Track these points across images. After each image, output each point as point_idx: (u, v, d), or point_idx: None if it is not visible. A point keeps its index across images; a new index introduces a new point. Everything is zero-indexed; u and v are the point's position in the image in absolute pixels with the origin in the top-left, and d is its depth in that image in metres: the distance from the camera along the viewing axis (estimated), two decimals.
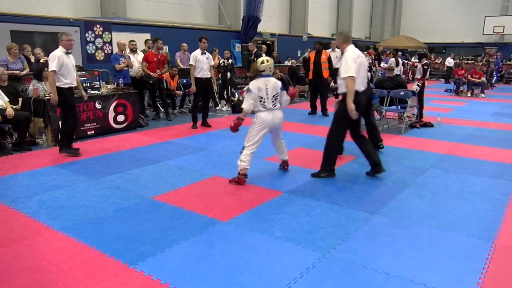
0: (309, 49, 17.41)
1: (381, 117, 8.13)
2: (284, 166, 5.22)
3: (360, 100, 4.66)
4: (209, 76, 7.86)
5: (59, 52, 5.67)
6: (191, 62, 7.66)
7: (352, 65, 4.51)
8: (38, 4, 10.64)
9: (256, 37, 15.76)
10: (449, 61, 19.86)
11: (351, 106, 4.50)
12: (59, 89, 5.69)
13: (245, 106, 4.57)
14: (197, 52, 7.65)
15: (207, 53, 7.86)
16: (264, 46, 13.64)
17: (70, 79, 5.81)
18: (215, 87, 8.88)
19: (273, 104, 4.65)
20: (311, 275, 2.80)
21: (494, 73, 18.26)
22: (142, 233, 3.42)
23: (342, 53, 4.81)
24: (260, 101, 4.56)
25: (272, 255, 3.08)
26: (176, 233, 3.41)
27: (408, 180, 4.84)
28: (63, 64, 5.65)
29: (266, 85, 4.58)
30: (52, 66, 5.58)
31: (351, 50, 4.66)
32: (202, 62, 7.66)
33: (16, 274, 2.79)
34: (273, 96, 4.63)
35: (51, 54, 5.69)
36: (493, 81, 17.90)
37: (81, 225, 3.58)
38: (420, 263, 2.97)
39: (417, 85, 8.37)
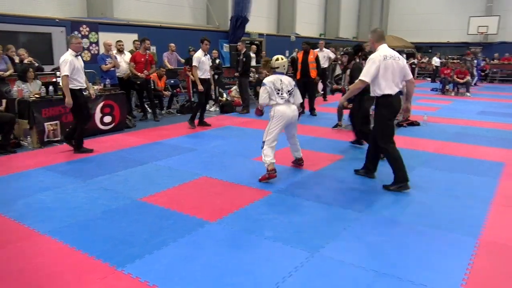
0: (297, 49, 17.43)
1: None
2: (299, 163, 5.31)
3: (393, 102, 4.36)
4: (209, 76, 8.03)
5: (69, 56, 5.77)
6: (194, 63, 7.71)
7: (369, 70, 4.26)
8: (23, 4, 10.48)
9: (244, 37, 15.76)
10: (436, 61, 20.11)
11: (341, 100, 4.52)
12: (71, 91, 5.78)
13: (260, 99, 4.74)
14: (200, 53, 7.74)
15: (208, 54, 8.02)
16: (253, 46, 13.65)
17: (80, 81, 5.95)
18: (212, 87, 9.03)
19: (289, 98, 4.78)
20: (300, 274, 2.81)
21: (475, 72, 18.01)
22: (131, 235, 3.40)
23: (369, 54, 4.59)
24: (278, 93, 4.69)
25: (261, 254, 3.09)
26: (165, 234, 3.40)
27: None
28: (74, 68, 5.77)
29: (280, 80, 4.73)
30: (65, 70, 5.70)
31: (380, 51, 4.35)
32: (205, 63, 7.80)
33: (1, 279, 2.74)
34: (288, 91, 4.75)
35: (62, 59, 5.80)
36: (474, 81, 17.58)
37: (69, 227, 3.53)
38: (408, 260, 3.01)
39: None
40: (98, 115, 7.36)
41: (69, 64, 5.69)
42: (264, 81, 4.76)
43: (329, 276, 2.80)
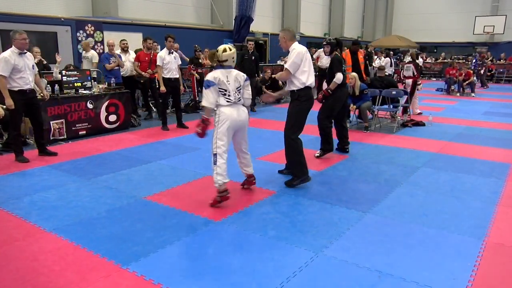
0: None
1: (373, 116, 8.17)
2: (250, 180, 4.50)
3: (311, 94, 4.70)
4: (177, 76, 7.67)
5: (8, 53, 5.32)
6: (158, 63, 7.44)
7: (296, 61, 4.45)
8: (29, 3, 10.53)
9: (248, 37, 15.76)
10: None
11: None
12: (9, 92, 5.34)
13: (206, 102, 3.88)
14: (163, 52, 7.46)
15: (174, 52, 7.67)
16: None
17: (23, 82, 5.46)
18: (182, 88, 8.17)
19: (238, 98, 3.99)
20: (304, 274, 2.81)
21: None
22: (135, 233, 3.41)
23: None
24: (224, 94, 3.89)
25: (265, 254, 3.09)
26: (169, 233, 3.40)
27: (400, 179, 4.87)
28: (13, 67, 5.31)
29: (227, 77, 3.92)
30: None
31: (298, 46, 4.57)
32: (170, 62, 7.46)
33: (6, 276, 2.76)
34: (236, 89, 3.97)
35: None
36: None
37: (73, 225, 3.55)
38: (412, 261, 2.99)
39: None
40: (103, 113, 7.39)
41: (4, 63, 5.17)
42: (208, 78, 3.89)
43: (333, 276, 2.79)
